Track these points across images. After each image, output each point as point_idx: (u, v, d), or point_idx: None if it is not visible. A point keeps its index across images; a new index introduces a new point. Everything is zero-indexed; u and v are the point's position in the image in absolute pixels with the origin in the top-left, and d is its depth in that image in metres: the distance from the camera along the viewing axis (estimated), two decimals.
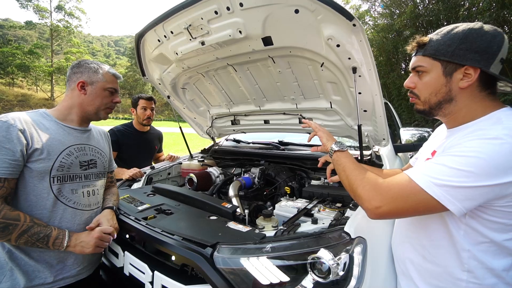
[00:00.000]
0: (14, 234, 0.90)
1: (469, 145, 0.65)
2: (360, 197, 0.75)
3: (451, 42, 0.71)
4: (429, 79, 0.76)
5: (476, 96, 0.73)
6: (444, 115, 0.80)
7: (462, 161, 0.64)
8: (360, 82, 1.29)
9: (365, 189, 0.73)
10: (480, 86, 0.72)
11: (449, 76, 0.73)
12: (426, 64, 0.76)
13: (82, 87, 1.13)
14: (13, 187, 0.95)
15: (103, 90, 1.16)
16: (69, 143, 1.09)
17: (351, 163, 0.85)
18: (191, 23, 1.38)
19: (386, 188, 0.71)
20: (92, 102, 1.14)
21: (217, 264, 0.85)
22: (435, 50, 0.74)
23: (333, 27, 1.09)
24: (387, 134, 1.54)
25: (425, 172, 0.68)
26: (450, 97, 0.75)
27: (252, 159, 2.12)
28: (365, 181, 0.75)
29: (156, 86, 2.13)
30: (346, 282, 0.87)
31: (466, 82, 0.71)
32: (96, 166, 1.20)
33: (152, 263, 1.01)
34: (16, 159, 0.93)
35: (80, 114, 1.15)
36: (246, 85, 1.85)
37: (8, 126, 0.93)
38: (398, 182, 0.70)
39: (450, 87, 0.74)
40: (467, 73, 0.71)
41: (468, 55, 0.69)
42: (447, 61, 0.72)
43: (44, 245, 0.96)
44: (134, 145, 2.31)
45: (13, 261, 0.98)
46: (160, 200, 1.43)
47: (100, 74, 1.15)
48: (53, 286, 1.02)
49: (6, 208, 0.91)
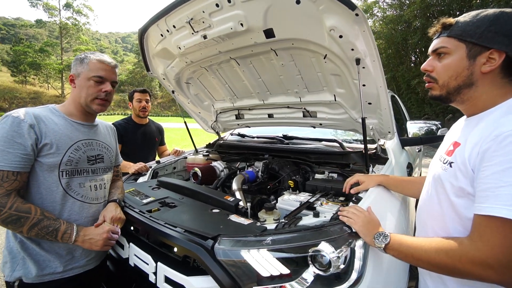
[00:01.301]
0: (26, 227, 0.93)
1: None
2: (468, 274, 0.63)
3: (480, 23, 0.68)
4: (450, 61, 0.73)
5: (497, 82, 0.70)
6: (462, 101, 0.76)
7: None
8: (364, 74, 1.27)
9: (464, 264, 0.63)
10: (502, 73, 0.69)
11: (473, 59, 0.70)
12: (450, 45, 0.73)
13: (71, 80, 1.13)
14: (25, 180, 0.98)
15: (87, 80, 1.10)
16: (77, 138, 1.11)
17: (410, 246, 0.74)
18: (192, 17, 1.37)
19: (486, 250, 0.60)
20: (80, 94, 1.11)
21: (217, 256, 0.86)
22: (462, 31, 0.70)
23: (335, 18, 1.06)
24: (393, 127, 1.51)
25: (508, 202, 0.58)
26: (471, 82, 0.72)
27: (257, 153, 2.12)
28: (452, 255, 0.65)
29: (161, 81, 2.15)
30: (347, 276, 0.87)
31: (489, 66, 0.68)
32: (103, 160, 1.22)
33: (156, 255, 1.03)
34: (27, 153, 0.95)
35: (77, 108, 1.14)
36: (249, 79, 1.84)
37: (19, 121, 0.96)
38: (493, 235, 0.60)
39: (472, 70, 0.70)
40: (491, 57, 0.68)
41: (497, 38, 0.66)
42: (474, 43, 0.69)
43: (53, 238, 0.99)
44: (134, 138, 2.37)
45: (25, 251, 1.01)
46: (165, 194, 1.45)
47: (85, 63, 1.10)
48: (63, 275, 1.06)
49: (19, 201, 0.94)
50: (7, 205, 0.91)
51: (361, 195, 1.13)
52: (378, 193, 1.14)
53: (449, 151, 0.78)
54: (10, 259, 1.02)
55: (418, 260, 0.73)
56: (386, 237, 0.82)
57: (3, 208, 0.90)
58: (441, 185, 0.78)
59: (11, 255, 1.02)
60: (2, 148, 0.92)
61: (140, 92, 2.43)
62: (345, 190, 1.21)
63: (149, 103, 2.47)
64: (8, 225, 0.93)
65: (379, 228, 0.88)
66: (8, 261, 1.02)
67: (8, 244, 1.04)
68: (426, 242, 0.72)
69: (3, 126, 0.95)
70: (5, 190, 0.92)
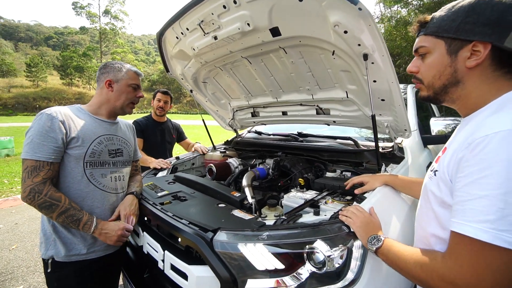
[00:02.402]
0: (56, 213, 1.07)
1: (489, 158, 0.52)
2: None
3: (455, 16, 0.62)
4: (431, 60, 0.68)
5: (488, 77, 0.63)
6: (453, 101, 0.70)
7: (495, 181, 0.50)
8: (374, 70, 1.22)
9: (435, 281, 0.59)
10: (493, 65, 0.61)
11: (454, 55, 0.64)
12: (428, 43, 0.68)
13: (109, 84, 1.26)
14: (57, 170, 1.12)
15: (127, 86, 1.27)
16: (99, 133, 1.24)
17: (395, 254, 0.72)
18: (203, 19, 1.43)
19: (455, 269, 0.56)
20: (119, 97, 1.27)
21: (216, 248, 0.91)
22: (437, 27, 0.65)
23: (338, 13, 1.04)
24: (409, 124, 1.43)
25: (475, 217, 0.52)
26: (457, 79, 0.66)
27: (271, 151, 2.14)
28: (426, 270, 0.61)
29: (180, 81, 2.26)
30: (342, 275, 0.86)
31: (474, 60, 0.62)
32: (123, 154, 1.34)
33: (164, 244, 1.12)
34: (58, 145, 1.09)
35: (109, 109, 1.29)
36: (261, 77, 1.86)
37: (52, 118, 1.10)
38: (461, 254, 0.55)
39: (455, 67, 0.65)
40: (475, 50, 0.61)
41: (476, 29, 0.60)
42: (452, 38, 0.63)
43: (76, 227, 1.12)
44: (153, 133, 2.56)
45: (56, 233, 1.16)
46: (179, 188, 1.54)
47: (123, 72, 1.27)
48: (86, 257, 1.19)
49: (52, 190, 1.08)
50: (43, 192, 1.05)
51: (366, 195, 1.10)
52: (384, 193, 1.10)
53: (438, 157, 0.72)
54: (44, 240, 1.17)
55: (401, 269, 0.69)
56: (379, 241, 0.79)
57: (40, 194, 1.05)
58: (426, 194, 0.73)
59: (45, 237, 1.17)
60: (38, 141, 1.06)
61: (162, 93, 2.63)
62: (347, 187, 1.18)
63: (168, 104, 2.66)
64: (42, 210, 1.07)
65: (378, 231, 0.86)
66: (43, 241, 1.17)
67: (43, 227, 1.20)
68: (409, 253, 0.69)
69: (38, 122, 1.09)
70: (41, 178, 1.06)
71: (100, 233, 1.15)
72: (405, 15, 14.17)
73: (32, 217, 3.68)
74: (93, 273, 1.20)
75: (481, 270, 0.52)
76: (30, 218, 3.67)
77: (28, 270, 2.45)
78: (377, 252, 0.78)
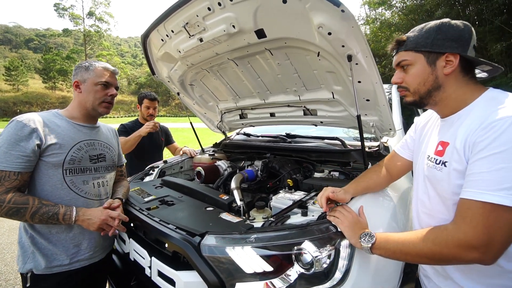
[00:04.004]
0: (27, 216, 1.01)
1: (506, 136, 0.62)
2: (454, 258, 0.67)
3: (428, 34, 0.78)
4: (415, 71, 0.81)
5: (461, 81, 0.78)
6: (435, 103, 0.83)
7: None
8: (358, 71, 1.24)
9: (450, 248, 0.66)
10: (463, 71, 0.78)
11: (433, 64, 0.78)
12: (409, 57, 0.81)
13: (77, 86, 1.21)
14: (26, 180, 1.06)
15: (94, 85, 1.20)
16: (79, 139, 1.19)
17: (397, 242, 0.76)
18: (188, 21, 1.41)
19: (469, 232, 0.64)
20: (87, 98, 1.21)
21: (203, 252, 0.89)
22: (415, 44, 0.79)
23: (322, 15, 1.06)
24: (393, 124, 1.46)
25: (492, 186, 0.62)
26: (438, 85, 0.79)
27: (260, 152, 2.14)
28: (439, 242, 0.68)
29: (166, 84, 2.22)
30: (330, 275, 0.87)
31: (450, 68, 0.76)
32: (105, 159, 1.30)
33: (151, 250, 1.09)
34: (27, 155, 1.03)
35: (82, 111, 1.23)
36: (249, 79, 1.86)
37: (22, 125, 1.04)
38: (475, 217, 0.64)
39: (436, 74, 0.79)
40: (448, 60, 0.76)
41: (446, 43, 0.76)
42: (429, 51, 0.78)
43: (56, 221, 1.06)
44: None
45: (34, 245, 1.11)
46: (166, 192, 1.51)
47: (90, 70, 1.21)
48: (70, 267, 1.14)
49: (17, 195, 1.02)
50: (5, 200, 0.99)
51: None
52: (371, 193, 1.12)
53: (439, 151, 0.81)
54: (21, 253, 1.12)
55: (407, 254, 0.74)
56: (372, 237, 0.82)
57: (3, 203, 0.99)
58: (433, 184, 0.82)
59: (22, 249, 1.12)
60: (5, 150, 1.01)
61: (150, 99, 2.55)
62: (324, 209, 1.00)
63: (157, 109, 2.63)
64: (11, 217, 1.01)
65: (365, 229, 0.87)
66: (20, 255, 1.12)
67: (20, 239, 1.14)
68: (413, 235, 0.75)
69: (8, 129, 1.04)
70: (5, 188, 1.00)
71: (83, 219, 1.10)
72: (389, 17, 14.60)
73: (12, 228, 3.52)
74: (77, 284, 1.15)
75: (492, 229, 0.61)
76: (10, 228, 3.51)
77: (7, 284, 2.33)
78: (373, 248, 0.80)
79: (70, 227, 1.14)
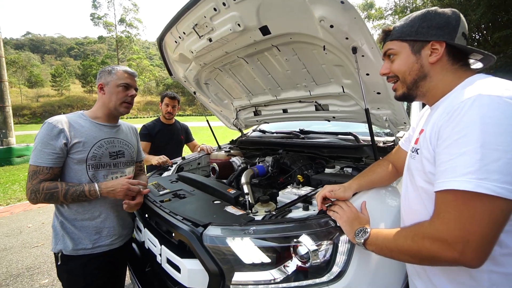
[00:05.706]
0: (61, 197, 1.17)
1: (468, 118, 0.58)
2: (433, 258, 0.60)
3: (412, 23, 0.76)
4: (400, 60, 0.79)
5: (448, 69, 0.75)
6: (423, 95, 0.80)
7: (477, 138, 0.55)
8: (365, 63, 1.20)
9: (426, 247, 0.60)
10: (450, 60, 0.74)
11: (418, 53, 0.76)
12: (395, 46, 0.80)
13: (101, 88, 1.34)
14: (57, 173, 1.21)
15: (116, 87, 1.32)
16: (100, 137, 1.32)
17: (384, 238, 0.73)
18: (197, 22, 1.47)
19: (441, 227, 0.58)
20: (110, 99, 1.33)
21: (205, 242, 0.94)
22: (400, 33, 0.78)
23: (322, 8, 1.04)
24: (407, 117, 1.39)
25: (458, 172, 0.56)
26: (424, 74, 0.77)
27: (274, 148, 2.15)
28: (416, 240, 0.63)
29: (183, 84, 2.32)
30: (327, 269, 0.87)
31: (435, 56, 0.74)
32: (124, 156, 1.41)
33: (161, 239, 1.17)
34: (56, 152, 1.18)
35: (105, 112, 1.36)
36: (259, 76, 1.88)
37: (52, 127, 1.19)
38: (447, 210, 0.58)
39: (421, 63, 0.76)
40: (434, 48, 0.73)
41: (431, 31, 0.73)
42: (413, 40, 0.76)
43: (85, 198, 1.20)
44: (162, 135, 2.65)
45: (64, 229, 1.26)
46: (180, 186, 1.59)
47: (113, 74, 1.32)
48: (92, 251, 1.27)
49: (47, 183, 1.17)
50: (39, 189, 1.15)
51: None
52: (377, 188, 1.09)
53: (416, 139, 0.80)
54: (54, 235, 1.27)
55: (392, 251, 0.70)
56: (366, 233, 0.80)
57: (38, 191, 1.14)
58: (411, 175, 0.78)
59: (55, 232, 1.27)
60: (40, 149, 1.16)
61: (170, 98, 2.69)
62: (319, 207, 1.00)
63: (176, 108, 2.74)
64: (50, 201, 1.17)
65: (365, 225, 0.85)
66: (53, 237, 1.27)
67: (53, 224, 1.29)
68: (398, 231, 0.71)
69: (42, 130, 1.19)
70: (39, 180, 1.16)
71: (107, 191, 1.22)
72: (420, 5, 13.56)
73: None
74: (99, 266, 1.27)
75: (467, 223, 0.55)
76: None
77: (53, 266, 2.63)
78: (366, 244, 0.78)
79: (93, 217, 1.27)
